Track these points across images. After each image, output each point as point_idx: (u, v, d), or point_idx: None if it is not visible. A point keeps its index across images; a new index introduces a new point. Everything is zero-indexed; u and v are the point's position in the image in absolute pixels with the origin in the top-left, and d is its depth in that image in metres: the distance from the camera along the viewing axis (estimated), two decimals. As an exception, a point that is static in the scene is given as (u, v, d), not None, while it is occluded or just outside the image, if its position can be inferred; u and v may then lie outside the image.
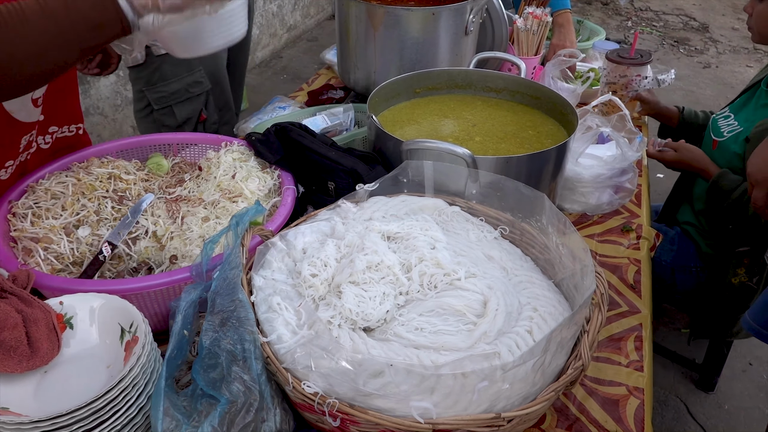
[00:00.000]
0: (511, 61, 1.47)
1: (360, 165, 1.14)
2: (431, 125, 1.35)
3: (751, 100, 1.60)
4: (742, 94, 1.66)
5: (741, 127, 1.56)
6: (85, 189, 1.14)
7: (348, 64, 1.67)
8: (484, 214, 1.07)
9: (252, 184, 1.18)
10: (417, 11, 1.51)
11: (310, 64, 4.55)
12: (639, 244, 1.30)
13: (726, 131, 1.59)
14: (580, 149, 1.34)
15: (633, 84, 1.78)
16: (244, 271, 0.86)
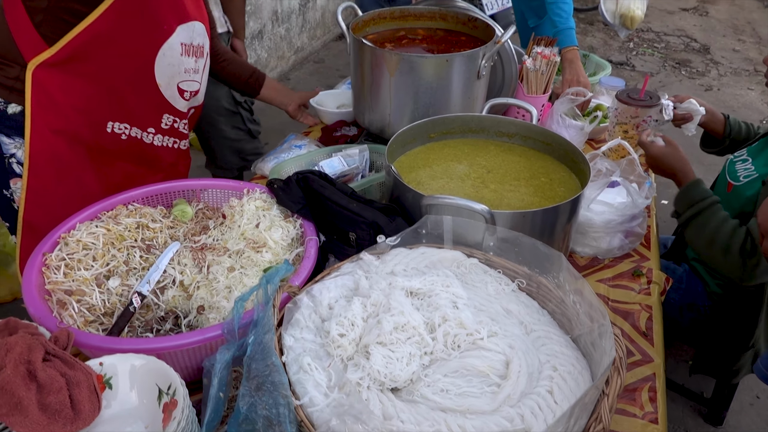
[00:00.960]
0: (523, 108, 1.52)
1: (380, 217, 1.18)
2: (447, 171, 1.39)
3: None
4: (761, 137, 1.66)
5: (757, 173, 1.57)
6: (115, 239, 1.18)
7: (363, 105, 1.71)
8: (501, 266, 1.11)
9: (275, 233, 1.21)
10: (431, 59, 1.56)
11: (317, 85, 4.59)
12: (650, 289, 1.34)
13: (742, 176, 1.60)
14: (591, 196, 1.38)
15: (644, 124, 1.82)
16: (275, 330, 0.89)
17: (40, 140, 1.32)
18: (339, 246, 1.23)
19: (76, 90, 1.31)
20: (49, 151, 1.34)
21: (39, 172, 1.34)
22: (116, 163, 1.48)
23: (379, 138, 1.76)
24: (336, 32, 5.55)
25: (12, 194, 1.38)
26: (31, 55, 1.25)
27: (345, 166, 1.55)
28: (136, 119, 1.44)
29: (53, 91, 1.29)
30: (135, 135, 1.45)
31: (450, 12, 1.84)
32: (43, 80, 1.27)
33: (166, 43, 1.36)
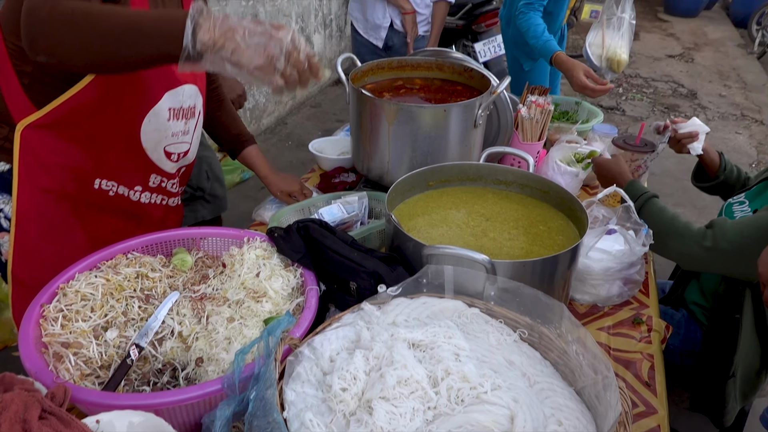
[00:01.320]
0: (519, 156, 1.54)
1: (381, 267, 1.18)
2: (446, 219, 1.41)
3: (766, 191, 1.65)
4: (759, 182, 1.69)
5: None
6: (114, 290, 1.17)
7: (362, 153, 1.74)
8: (502, 316, 1.10)
9: (276, 283, 1.21)
10: (429, 108, 1.59)
11: (314, 130, 4.67)
12: (650, 337, 1.34)
13: (738, 216, 1.63)
14: (590, 244, 1.39)
15: (641, 169, 1.86)
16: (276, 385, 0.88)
17: (28, 198, 1.33)
18: (340, 295, 1.23)
19: (64, 150, 1.33)
20: (36, 209, 1.35)
21: (26, 229, 1.35)
22: (104, 218, 1.47)
23: (378, 185, 1.78)
24: (332, 77, 5.67)
25: (0, 247, 1.40)
26: (20, 116, 1.27)
27: (344, 214, 1.56)
28: (123, 178, 1.45)
29: (41, 151, 1.31)
30: (122, 192, 1.46)
31: (446, 62, 1.89)
32: (31, 141, 1.29)
33: (151, 111, 1.35)
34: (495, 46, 4.50)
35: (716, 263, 1.47)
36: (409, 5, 2.88)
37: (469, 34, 4.54)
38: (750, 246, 1.37)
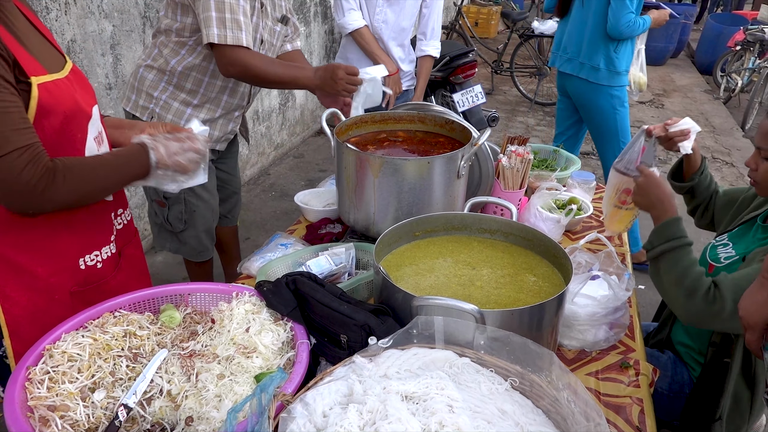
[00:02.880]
0: (503, 206, 1.58)
1: (372, 319, 1.19)
2: (433, 269, 1.43)
3: (749, 233, 1.66)
4: (741, 224, 1.71)
5: (737, 255, 1.62)
6: (101, 349, 1.16)
7: (348, 205, 1.77)
8: (493, 365, 1.11)
9: (266, 338, 1.21)
10: (413, 161, 1.64)
11: (297, 180, 4.72)
12: (639, 381, 1.35)
13: (723, 257, 1.65)
14: (575, 290, 1.42)
15: None
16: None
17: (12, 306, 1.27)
18: (330, 349, 1.23)
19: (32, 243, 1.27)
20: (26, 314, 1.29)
21: (20, 335, 1.29)
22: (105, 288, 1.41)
23: (364, 235, 1.80)
24: (314, 128, 5.77)
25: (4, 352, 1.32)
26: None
27: (332, 266, 1.58)
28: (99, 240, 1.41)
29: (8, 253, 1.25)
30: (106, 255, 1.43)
31: (428, 115, 1.96)
32: (4, 253, 1.24)
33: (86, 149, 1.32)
34: (473, 96, 4.64)
35: (716, 323, 1.41)
36: (392, 66, 2.95)
37: (448, 84, 4.68)
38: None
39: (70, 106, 1.24)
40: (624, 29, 3.13)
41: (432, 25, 3.02)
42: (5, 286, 1.26)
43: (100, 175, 1.27)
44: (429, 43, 3.06)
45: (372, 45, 2.88)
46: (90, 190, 1.27)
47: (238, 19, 1.90)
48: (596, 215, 2.20)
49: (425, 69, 3.13)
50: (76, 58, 2.76)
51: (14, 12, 1.24)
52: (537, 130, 6.10)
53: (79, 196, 1.25)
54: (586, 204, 2.12)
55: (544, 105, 6.81)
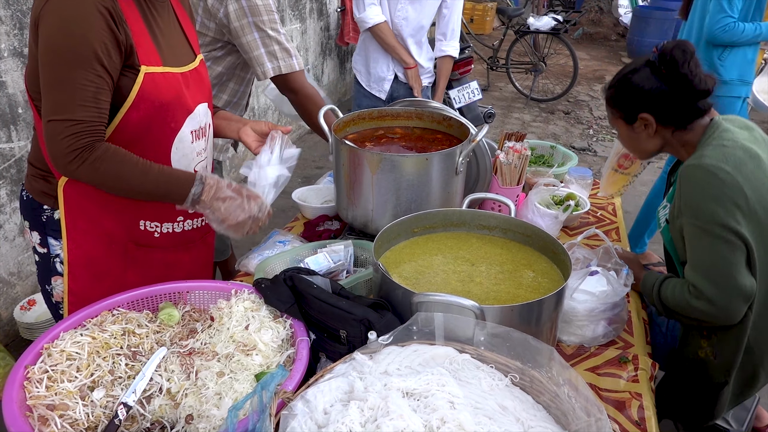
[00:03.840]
0: (501, 202, 1.58)
1: (371, 314, 1.19)
2: (432, 265, 1.42)
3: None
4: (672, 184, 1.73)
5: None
6: (100, 348, 1.16)
7: (346, 202, 1.76)
8: (493, 361, 1.11)
9: (265, 335, 1.21)
10: (412, 157, 1.64)
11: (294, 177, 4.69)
12: (638, 375, 1.35)
13: (662, 220, 1.67)
14: (574, 285, 1.42)
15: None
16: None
17: (77, 246, 1.41)
18: (330, 344, 1.23)
19: (104, 198, 1.38)
20: (87, 255, 1.43)
21: (77, 276, 1.44)
22: (155, 255, 1.53)
23: (362, 232, 1.80)
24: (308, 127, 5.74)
25: (52, 290, 1.50)
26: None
27: (331, 263, 1.57)
28: (164, 215, 1.49)
29: (83, 202, 1.38)
30: (166, 230, 1.51)
31: (425, 112, 1.95)
32: (73, 193, 1.37)
33: (176, 138, 1.43)
34: (469, 92, 4.64)
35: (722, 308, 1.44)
36: (411, 60, 2.94)
37: (444, 81, 4.68)
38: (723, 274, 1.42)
39: (170, 98, 1.35)
40: (720, 34, 2.93)
41: (452, 25, 3.01)
42: (73, 229, 1.39)
43: (133, 177, 1.28)
44: (449, 44, 3.05)
45: (391, 39, 2.88)
46: (115, 185, 1.29)
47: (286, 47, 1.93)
48: (593, 211, 2.20)
49: (445, 69, 3.12)
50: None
51: (163, 6, 1.40)
52: (533, 126, 6.11)
53: (101, 182, 1.28)
54: (583, 200, 2.13)
55: (539, 101, 6.82)
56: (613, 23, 10.47)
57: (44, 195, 1.42)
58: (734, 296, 1.42)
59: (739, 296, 1.42)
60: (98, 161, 1.23)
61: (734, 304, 1.42)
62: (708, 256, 1.43)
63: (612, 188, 1.84)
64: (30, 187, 1.46)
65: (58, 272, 1.46)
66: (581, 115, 6.44)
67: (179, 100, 1.39)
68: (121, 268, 1.48)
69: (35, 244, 1.48)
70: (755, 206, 1.43)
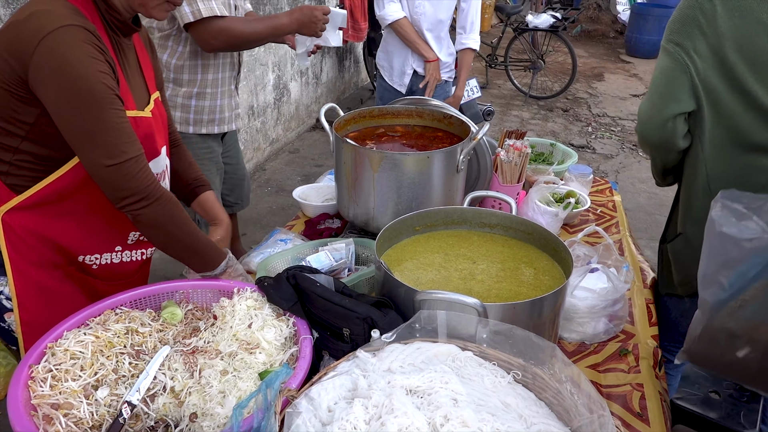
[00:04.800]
0: (502, 199, 1.59)
1: (374, 311, 1.19)
2: (433, 263, 1.43)
3: None
4: None
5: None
6: (104, 347, 1.16)
7: (347, 200, 1.77)
8: (496, 359, 1.12)
9: (269, 333, 1.21)
10: (413, 155, 1.64)
11: (293, 175, 4.71)
12: (639, 366, 1.36)
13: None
14: (574, 283, 1.43)
15: None
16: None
17: (21, 277, 1.37)
18: (333, 342, 1.23)
19: (45, 229, 1.36)
20: (34, 284, 1.38)
21: (28, 307, 1.39)
22: (95, 282, 1.51)
23: (364, 231, 1.80)
24: (309, 123, 5.75)
25: (9, 326, 1.42)
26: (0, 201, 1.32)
27: (333, 261, 1.58)
28: (104, 245, 1.47)
29: (22, 232, 1.34)
30: (105, 261, 1.49)
31: (426, 110, 1.96)
32: (13, 223, 1.33)
33: None
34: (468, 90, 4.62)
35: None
36: (432, 53, 2.97)
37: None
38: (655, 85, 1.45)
39: (143, 142, 1.33)
40: None
41: (471, 18, 3.04)
42: (16, 258, 1.35)
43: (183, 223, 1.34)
44: (469, 37, 3.08)
45: (411, 35, 2.93)
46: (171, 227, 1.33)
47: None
48: (593, 208, 2.21)
49: (466, 62, 3.14)
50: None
51: (129, 48, 1.40)
52: (532, 124, 6.11)
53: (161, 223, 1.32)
54: (583, 197, 2.14)
55: (538, 99, 6.83)
56: (612, 20, 10.47)
57: None
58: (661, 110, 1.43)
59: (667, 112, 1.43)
60: (162, 198, 1.29)
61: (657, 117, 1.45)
62: (655, 73, 1.45)
63: None
64: None
65: (7, 309, 1.40)
66: (580, 112, 6.45)
67: (149, 144, 1.39)
68: (68, 291, 1.44)
69: None
70: (727, 47, 1.33)
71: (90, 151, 1.22)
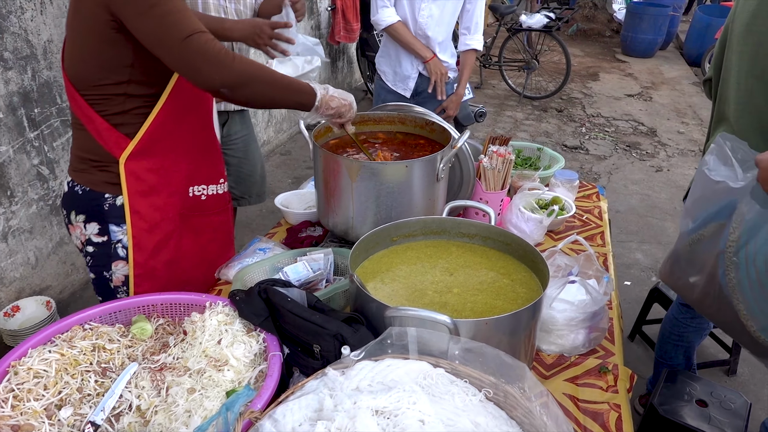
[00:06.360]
0: (482, 210, 1.56)
1: (344, 328, 1.17)
2: (410, 275, 1.41)
3: None
4: None
5: None
6: (69, 365, 1.14)
7: (326, 209, 1.74)
8: (467, 376, 1.10)
9: (238, 350, 1.19)
10: (391, 165, 1.62)
11: (284, 177, 4.68)
12: (617, 386, 1.34)
13: None
14: (553, 294, 1.41)
15: None
16: (234, 464, 0.86)
17: (140, 219, 1.52)
18: (303, 359, 1.21)
19: (159, 167, 1.52)
20: (148, 225, 1.54)
21: (142, 247, 1.54)
22: (202, 220, 1.69)
23: (344, 239, 1.78)
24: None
25: (111, 275, 1.57)
26: (119, 151, 1.45)
27: (310, 272, 1.56)
28: (210, 177, 1.67)
29: (143, 174, 1.50)
30: (212, 192, 1.69)
31: (408, 116, 1.93)
32: (134, 168, 1.48)
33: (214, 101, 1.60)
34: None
35: None
36: (428, 52, 2.89)
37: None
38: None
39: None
40: None
41: (476, 19, 2.99)
42: (136, 203, 1.50)
43: (266, 74, 1.37)
44: (473, 37, 3.03)
45: (406, 37, 2.85)
46: (261, 76, 1.36)
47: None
48: (579, 214, 2.19)
49: (470, 62, 3.09)
50: (53, 58, 2.71)
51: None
52: (525, 125, 6.09)
53: (251, 76, 1.33)
54: (569, 203, 2.11)
55: (532, 99, 6.81)
56: (608, 19, 10.44)
57: (106, 184, 1.50)
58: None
59: None
60: (242, 58, 1.31)
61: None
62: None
63: None
64: (87, 180, 1.51)
65: (119, 257, 1.54)
66: (574, 112, 6.43)
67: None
68: (177, 235, 1.61)
69: (90, 236, 1.54)
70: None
71: (165, 36, 1.27)
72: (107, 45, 1.33)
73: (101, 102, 1.41)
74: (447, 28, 2.93)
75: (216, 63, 1.27)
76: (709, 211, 1.40)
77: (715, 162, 1.38)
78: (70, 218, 1.56)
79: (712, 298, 1.44)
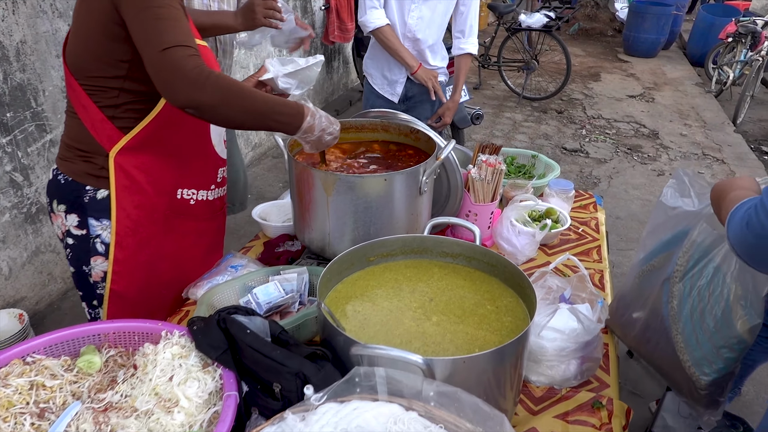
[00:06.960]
0: (466, 227, 1.45)
1: (307, 366, 1.06)
2: (386, 300, 1.29)
3: None
4: None
5: None
6: (1, 407, 1.03)
7: (302, 224, 1.63)
8: (443, 421, 0.98)
9: (190, 388, 1.08)
10: (369, 179, 1.50)
11: (275, 182, 4.57)
12: (611, 425, 1.22)
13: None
14: (542, 322, 1.29)
15: None
16: None
17: (125, 216, 1.48)
18: (263, 399, 1.10)
19: (150, 167, 1.48)
20: (132, 225, 1.50)
21: (123, 245, 1.50)
22: (189, 224, 1.63)
23: (321, 257, 1.67)
24: (296, 127, 5.60)
25: (90, 270, 1.53)
26: (111, 144, 1.42)
27: (281, 293, 1.45)
28: (201, 182, 1.62)
29: (132, 171, 1.46)
30: (201, 198, 1.63)
31: (392, 124, 1.82)
32: (123, 164, 1.44)
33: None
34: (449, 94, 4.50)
35: None
36: (415, 62, 2.75)
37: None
38: None
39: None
40: None
41: (470, 22, 2.86)
42: (122, 199, 1.46)
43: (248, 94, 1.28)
44: (468, 41, 2.89)
45: (394, 43, 2.71)
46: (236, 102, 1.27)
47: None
48: (575, 227, 2.07)
49: (465, 67, 2.96)
50: (27, 60, 2.60)
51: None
52: (524, 126, 5.97)
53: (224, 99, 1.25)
54: (563, 215, 2.00)
55: (532, 100, 6.68)
56: (610, 18, 10.31)
57: (87, 176, 1.46)
58: None
59: None
60: (218, 78, 1.24)
61: None
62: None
63: None
64: (69, 169, 1.48)
65: (98, 252, 1.51)
66: (574, 114, 6.30)
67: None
68: (161, 235, 1.56)
69: (70, 227, 1.50)
70: None
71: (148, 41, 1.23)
72: (109, 39, 1.32)
73: (96, 93, 1.40)
74: (438, 31, 2.79)
75: (185, 81, 1.21)
76: (662, 240, 1.41)
77: (673, 194, 1.41)
78: (52, 206, 1.53)
79: (652, 331, 1.40)
